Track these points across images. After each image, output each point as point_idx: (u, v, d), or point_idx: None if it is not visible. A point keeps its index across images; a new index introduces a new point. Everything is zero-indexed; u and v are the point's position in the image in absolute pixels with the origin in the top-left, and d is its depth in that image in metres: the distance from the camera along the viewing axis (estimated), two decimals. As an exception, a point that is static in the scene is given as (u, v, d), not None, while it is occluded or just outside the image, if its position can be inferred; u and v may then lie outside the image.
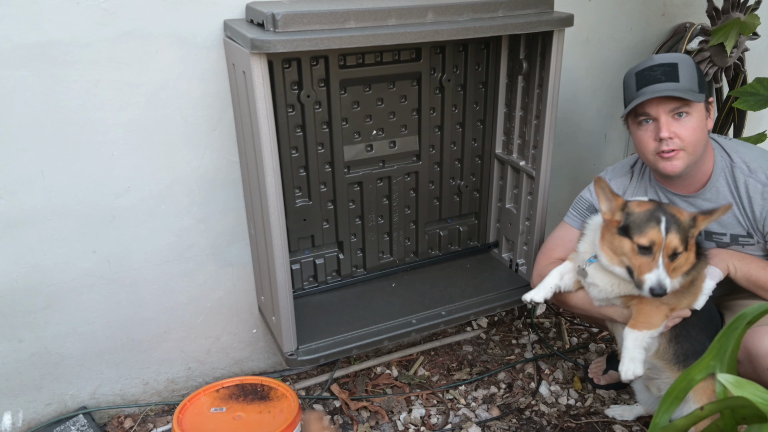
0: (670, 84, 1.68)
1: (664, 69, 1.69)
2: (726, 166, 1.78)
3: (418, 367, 2.45)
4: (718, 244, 1.81)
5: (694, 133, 1.69)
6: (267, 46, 1.51)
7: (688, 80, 1.69)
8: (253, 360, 2.36)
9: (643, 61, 1.76)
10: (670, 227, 1.60)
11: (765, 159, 1.76)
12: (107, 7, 1.70)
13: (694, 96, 1.66)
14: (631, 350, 1.70)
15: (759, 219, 1.73)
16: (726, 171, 1.77)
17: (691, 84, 1.69)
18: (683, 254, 1.64)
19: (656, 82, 1.69)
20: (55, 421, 2.05)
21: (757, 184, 1.72)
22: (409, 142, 2.20)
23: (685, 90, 1.67)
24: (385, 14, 1.67)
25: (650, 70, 1.71)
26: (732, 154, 1.78)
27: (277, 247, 1.76)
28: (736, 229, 1.78)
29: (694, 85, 1.69)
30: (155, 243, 2.01)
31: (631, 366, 1.68)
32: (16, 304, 1.89)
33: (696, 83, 1.70)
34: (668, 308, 1.72)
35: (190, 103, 1.88)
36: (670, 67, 1.70)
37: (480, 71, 2.21)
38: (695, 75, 1.70)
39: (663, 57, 1.73)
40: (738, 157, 1.77)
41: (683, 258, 1.65)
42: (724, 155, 1.79)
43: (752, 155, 1.77)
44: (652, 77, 1.70)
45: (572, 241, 1.96)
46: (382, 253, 2.34)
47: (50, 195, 1.82)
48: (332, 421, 2.18)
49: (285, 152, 1.99)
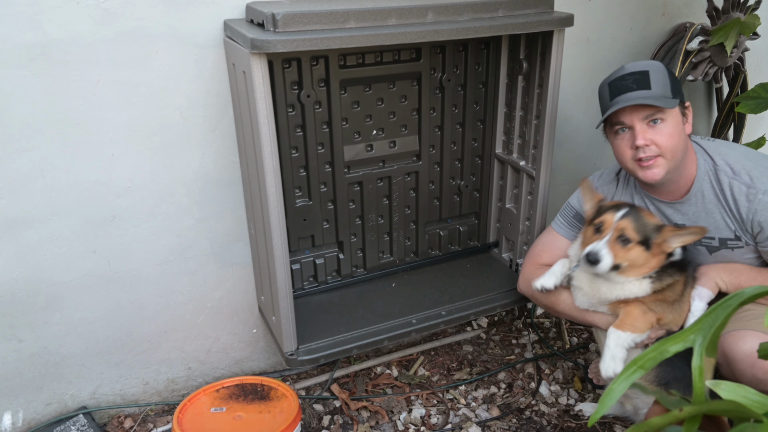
0: (642, 92, 1.68)
1: (635, 77, 1.69)
2: (710, 169, 1.76)
3: (418, 367, 2.45)
4: (708, 248, 1.80)
5: (670, 138, 1.68)
6: (267, 46, 1.51)
7: (661, 87, 1.68)
8: (253, 360, 2.36)
9: (616, 71, 1.76)
10: (627, 215, 1.71)
11: (748, 159, 1.74)
12: (107, 7, 1.70)
13: (666, 102, 1.66)
14: (612, 348, 1.73)
15: (746, 221, 1.71)
16: (710, 174, 1.76)
17: (663, 90, 1.68)
18: (639, 249, 1.69)
19: (628, 91, 1.69)
20: (55, 421, 2.05)
21: (741, 186, 1.70)
22: (409, 142, 2.20)
23: (657, 97, 1.66)
24: (385, 14, 1.67)
25: (622, 80, 1.71)
26: (715, 156, 1.77)
27: (277, 247, 1.76)
28: (724, 233, 1.76)
29: (666, 91, 1.68)
30: (155, 243, 2.01)
31: (611, 364, 1.72)
32: (16, 304, 1.89)
33: (669, 89, 1.69)
34: (655, 317, 1.75)
35: (190, 103, 1.88)
36: (641, 75, 1.69)
37: (480, 71, 2.21)
38: (668, 81, 1.70)
39: (634, 65, 1.73)
40: (721, 159, 1.76)
41: (640, 254, 1.70)
42: (707, 158, 1.78)
43: (735, 156, 1.76)
44: (623, 86, 1.70)
45: (558, 248, 2.00)
46: (382, 253, 2.34)
47: (50, 195, 1.82)
48: (332, 421, 2.18)
49: (285, 152, 1.99)
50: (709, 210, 1.76)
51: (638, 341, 1.75)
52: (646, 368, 0.81)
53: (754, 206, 1.68)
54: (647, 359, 0.81)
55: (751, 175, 1.70)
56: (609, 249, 1.68)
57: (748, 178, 1.70)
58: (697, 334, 0.78)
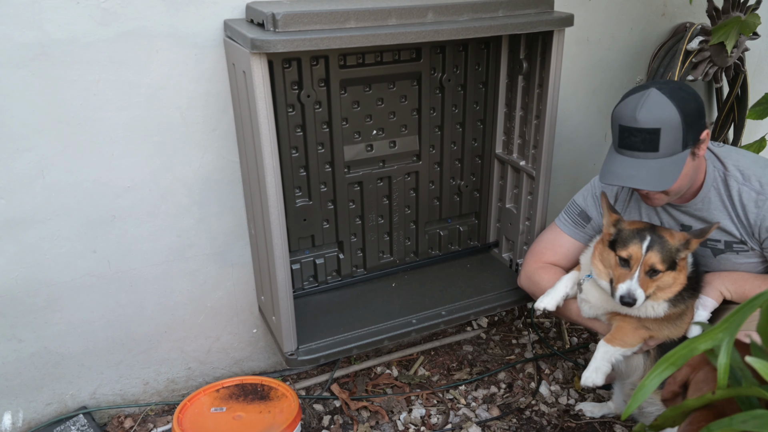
0: (647, 155, 1.63)
1: (644, 137, 1.63)
2: (719, 175, 1.76)
3: (418, 367, 2.45)
4: (713, 250, 1.81)
5: (677, 183, 1.67)
6: (267, 46, 1.51)
7: (670, 144, 1.62)
8: (253, 360, 2.36)
9: (629, 109, 1.64)
10: (652, 246, 1.66)
11: (759, 166, 1.74)
12: (107, 7, 1.70)
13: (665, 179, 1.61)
14: (598, 361, 1.76)
15: (754, 226, 1.71)
16: (719, 180, 1.75)
17: (673, 148, 1.62)
18: (668, 274, 1.67)
19: (635, 149, 1.64)
20: (55, 421, 2.05)
21: (750, 192, 1.70)
22: (409, 141, 2.20)
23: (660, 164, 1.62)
24: (385, 14, 1.67)
25: (631, 134, 1.64)
26: (726, 161, 1.76)
27: (277, 247, 1.76)
28: (730, 236, 1.77)
29: (677, 146, 1.62)
30: (155, 243, 2.01)
31: (592, 375, 1.74)
32: (16, 304, 1.89)
33: (680, 142, 1.62)
34: (647, 333, 1.76)
35: (190, 103, 1.88)
36: (651, 135, 1.62)
37: (480, 71, 2.21)
38: (679, 135, 1.61)
39: (647, 119, 1.61)
40: (732, 164, 1.75)
41: (669, 277, 1.68)
42: (718, 164, 1.77)
43: (746, 162, 1.75)
44: (631, 143, 1.65)
45: (561, 246, 2.00)
46: (382, 253, 2.34)
47: (50, 195, 1.82)
48: (332, 421, 2.18)
49: (285, 152, 1.99)
50: (715, 215, 1.76)
51: (627, 355, 1.77)
52: (677, 365, 0.82)
53: (763, 212, 1.68)
54: (678, 356, 0.82)
55: (761, 181, 1.70)
56: (639, 285, 1.65)
57: (758, 184, 1.70)
58: (725, 332, 0.79)
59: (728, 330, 0.78)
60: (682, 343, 0.83)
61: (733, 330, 0.78)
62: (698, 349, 0.81)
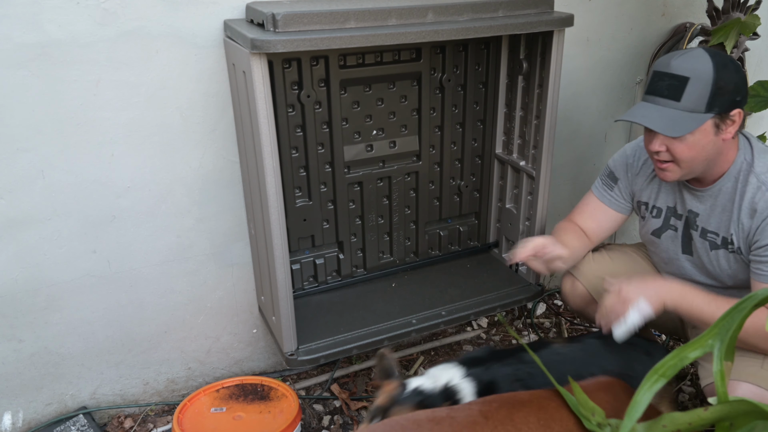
0: (668, 103, 1.59)
1: (671, 83, 1.58)
2: (744, 169, 1.67)
3: (418, 367, 2.45)
4: (711, 244, 1.76)
5: (688, 151, 1.60)
6: (267, 46, 1.51)
7: (694, 99, 1.54)
8: (253, 360, 2.36)
9: (668, 57, 1.61)
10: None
11: None
12: (107, 7, 1.70)
13: (680, 127, 1.56)
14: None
15: (750, 231, 1.65)
16: (742, 174, 1.67)
17: (695, 104, 1.55)
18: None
19: (658, 95, 1.60)
20: (55, 421, 2.05)
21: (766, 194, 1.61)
22: (409, 142, 2.20)
23: (677, 115, 1.57)
24: (385, 14, 1.67)
25: (661, 78, 1.60)
26: (757, 158, 1.66)
27: (277, 247, 1.76)
28: (728, 234, 1.70)
29: (700, 105, 1.54)
30: (155, 243, 2.01)
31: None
32: (16, 304, 1.89)
33: (704, 102, 1.54)
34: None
35: (190, 103, 1.88)
36: (678, 81, 1.57)
37: (480, 71, 2.21)
38: (707, 93, 1.53)
39: (679, 66, 1.56)
40: (762, 165, 1.65)
41: None
42: (749, 157, 1.67)
43: None
44: (657, 87, 1.61)
45: (588, 205, 2.00)
46: (382, 253, 2.34)
47: (50, 195, 1.82)
48: (332, 421, 2.18)
49: (285, 152, 1.99)
50: (724, 207, 1.70)
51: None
52: (667, 376, 0.80)
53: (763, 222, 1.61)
54: (668, 367, 0.80)
55: None
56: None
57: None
58: (715, 339, 0.78)
59: (719, 336, 0.77)
60: (672, 353, 0.81)
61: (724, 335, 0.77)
62: (689, 357, 0.79)
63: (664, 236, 1.87)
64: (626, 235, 2.99)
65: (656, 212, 1.87)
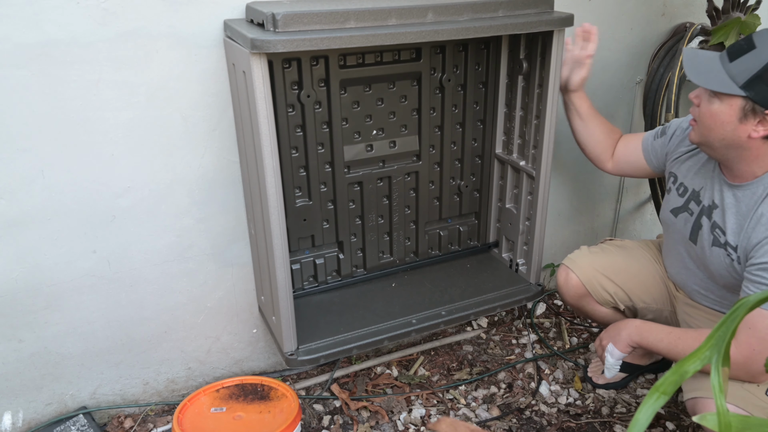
0: (722, 60, 1.56)
1: (741, 44, 1.54)
2: None
3: (418, 367, 2.45)
4: (714, 239, 1.74)
5: (709, 117, 1.59)
6: (267, 46, 1.51)
7: (740, 69, 1.50)
8: (253, 360, 2.36)
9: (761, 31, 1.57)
10: None
11: None
12: (107, 7, 1.70)
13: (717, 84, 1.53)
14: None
15: (749, 244, 1.62)
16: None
17: (738, 73, 1.50)
18: None
19: (727, 49, 1.57)
20: (55, 421, 2.05)
21: None
22: (409, 142, 2.20)
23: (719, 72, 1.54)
24: (385, 14, 1.67)
25: (742, 39, 1.59)
26: None
27: (277, 247, 1.76)
28: (732, 239, 1.69)
29: (741, 77, 1.50)
30: (155, 243, 2.01)
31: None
32: (16, 304, 1.89)
33: (745, 77, 1.49)
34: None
35: (190, 103, 1.88)
36: (747, 45, 1.52)
37: (480, 71, 2.21)
38: (753, 69, 1.48)
39: (762, 36, 1.51)
40: None
41: None
42: None
43: None
44: (732, 45, 1.58)
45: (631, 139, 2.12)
46: (382, 253, 2.34)
47: (50, 195, 1.82)
48: (332, 421, 2.18)
49: (285, 152, 1.99)
50: (742, 212, 1.67)
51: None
52: (668, 393, 0.80)
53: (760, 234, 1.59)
54: (668, 384, 0.80)
55: None
56: None
57: None
58: (712, 350, 0.78)
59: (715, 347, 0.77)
60: (671, 369, 0.81)
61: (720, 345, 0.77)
62: (689, 372, 0.79)
63: (680, 216, 1.89)
64: (626, 235, 2.99)
65: (682, 190, 1.89)
